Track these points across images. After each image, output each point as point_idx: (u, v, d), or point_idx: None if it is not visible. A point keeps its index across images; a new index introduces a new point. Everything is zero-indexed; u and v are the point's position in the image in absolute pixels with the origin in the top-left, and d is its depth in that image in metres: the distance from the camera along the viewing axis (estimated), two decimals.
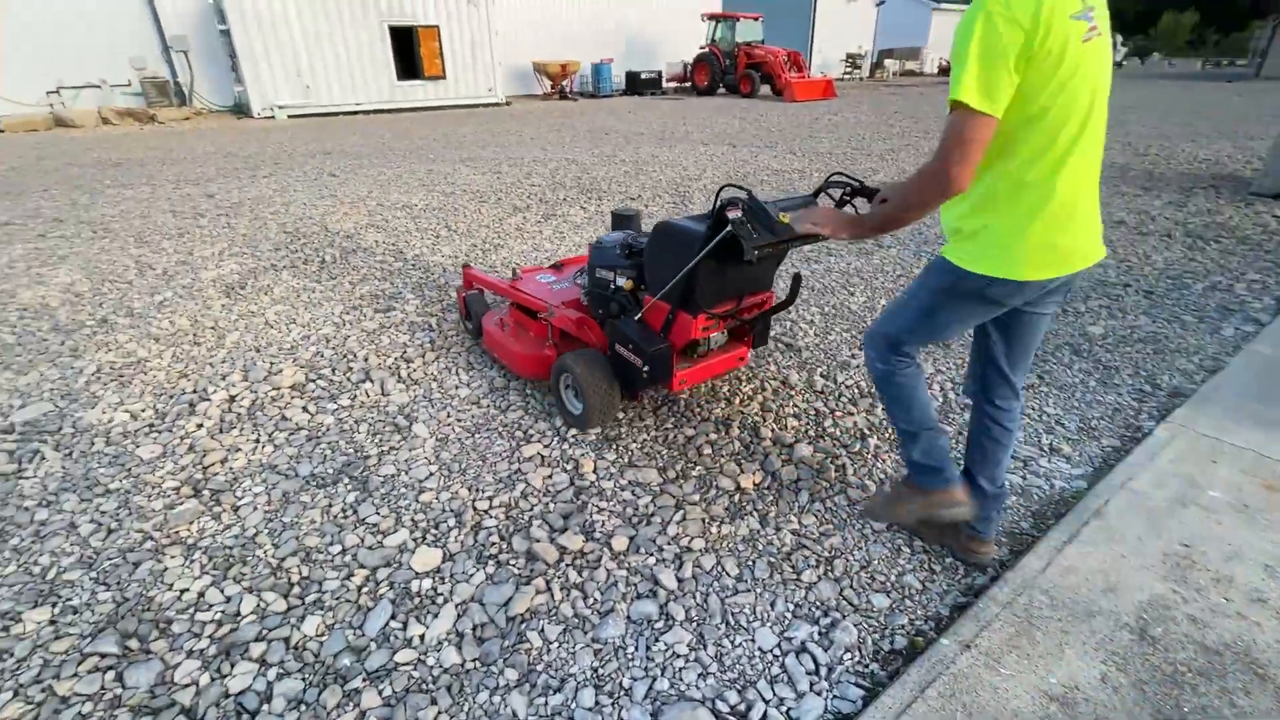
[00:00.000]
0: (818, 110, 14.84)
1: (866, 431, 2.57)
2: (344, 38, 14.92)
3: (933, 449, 1.79)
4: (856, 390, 2.87)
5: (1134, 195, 6.28)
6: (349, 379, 2.97)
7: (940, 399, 2.80)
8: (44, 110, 13.42)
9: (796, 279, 2.23)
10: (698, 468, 2.36)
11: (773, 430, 2.57)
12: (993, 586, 1.81)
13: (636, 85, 20.43)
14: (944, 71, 30.30)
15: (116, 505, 2.17)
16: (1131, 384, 2.92)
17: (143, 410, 2.72)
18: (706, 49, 19.85)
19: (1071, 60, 1.36)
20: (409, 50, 16.00)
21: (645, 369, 2.31)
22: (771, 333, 3.43)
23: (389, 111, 15.83)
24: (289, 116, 14.64)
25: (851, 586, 1.87)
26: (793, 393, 2.85)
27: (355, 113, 15.47)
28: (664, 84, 21.26)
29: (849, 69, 27.19)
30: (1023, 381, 1.78)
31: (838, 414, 2.69)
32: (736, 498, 2.21)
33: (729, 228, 1.96)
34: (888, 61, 29.21)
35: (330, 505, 2.17)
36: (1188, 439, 2.42)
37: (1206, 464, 2.28)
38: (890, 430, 2.56)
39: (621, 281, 2.48)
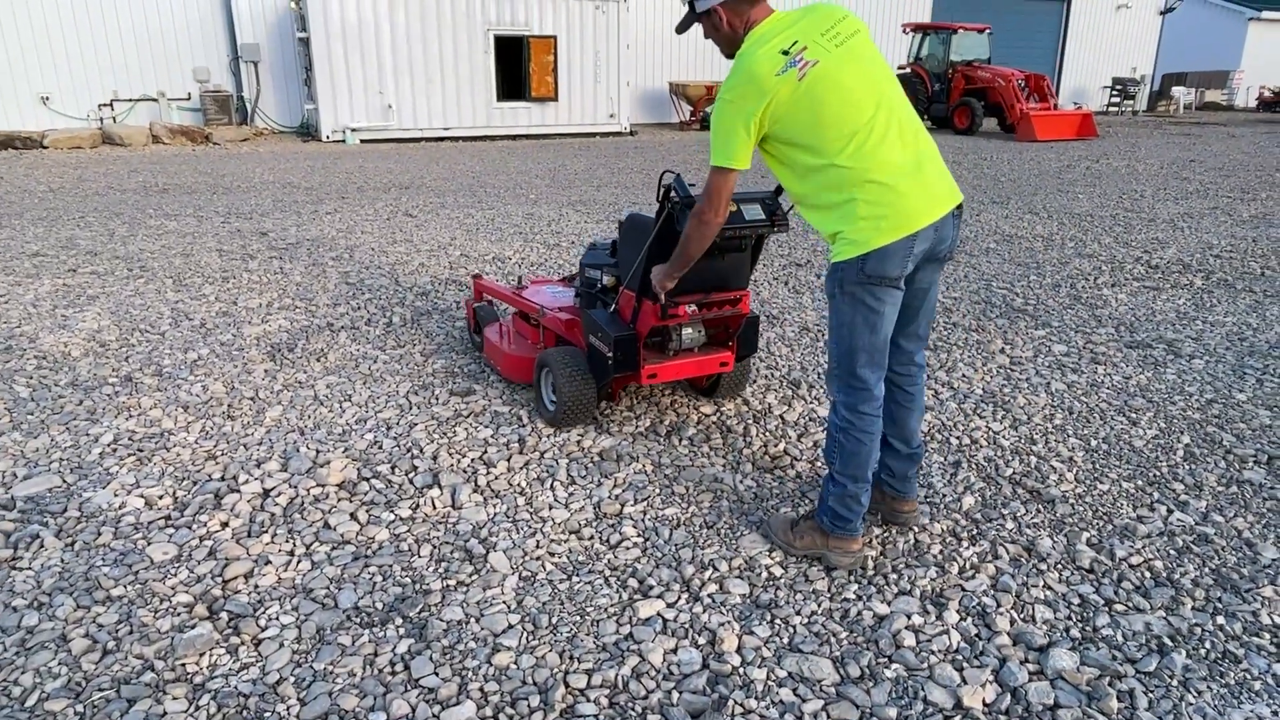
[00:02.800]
0: (1070, 154, 14.61)
1: (1167, 641, 2.32)
2: (439, 49, 16.84)
3: (854, 503, 2.52)
4: (1148, 573, 2.63)
5: None
6: (412, 482, 3.13)
7: None
8: (93, 126, 16.03)
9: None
10: (894, 665, 2.22)
11: (1012, 621, 2.39)
12: None
13: None
14: (1267, 105, 29.03)
15: (117, 619, 2.37)
16: None
17: (160, 497, 3.00)
18: (908, 69, 20.38)
19: (807, 94, 2.25)
20: (515, 65, 17.73)
21: (611, 355, 3.14)
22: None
23: (484, 139, 17.43)
24: (362, 141, 16.50)
25: None
26: (1043, 567, 2.66)
27: (442, 139, 17.16)
28: None
29: (1117, 99, 26.73)
30: (919, 349, 2.64)
31: (1117, 608, 2.46)
32: None
33: (668, 206, 2.82)
34: (1176, 90, 28.48)
35: (376, 654, 2.24)
36: None
37: None
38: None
39: (606, 279, 3.33)
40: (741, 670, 2.21)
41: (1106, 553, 2.74)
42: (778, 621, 2.39)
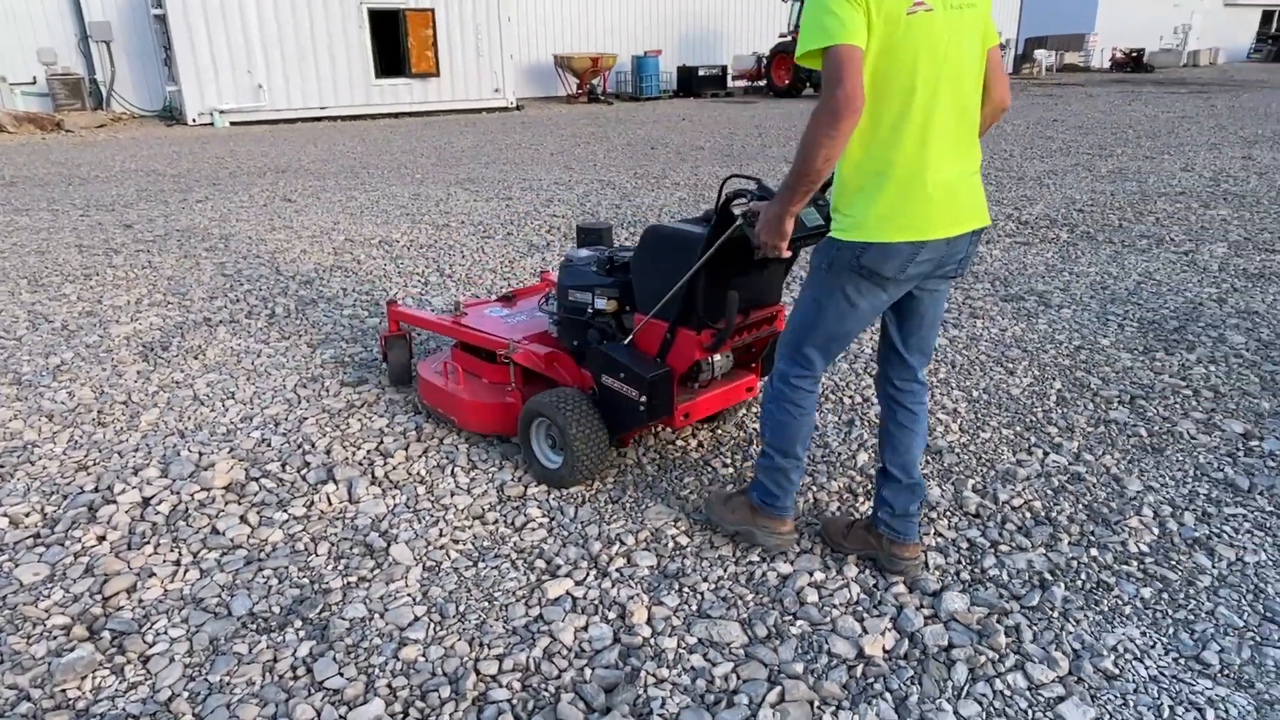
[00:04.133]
0: None
1: (1048, 576, 2.46)
2: (310, 24, 16.10)
3: (783, 478, 2.43)
4: (1028, 513, 2.78)
5: None
6: (305, 479, 3.02)
7: (1157, 529, 2.68)
8: None
9: (730, 299, 2.54)
10: (799, 622, 2.29)
11: (902, 575, 2.49)
12: None
13: (693, 84, 21.35)
14: (1119, 65, 30.83)
15: None
16: None
17: (27, 514, 2.80)
18: (788, 37, 20.70)
19: (905, 35, 1.93)
20: (393, 40, 17.14)
21: (643, 401, 2.61)
22: None
23: (364, 118, 16.81)
24: (232, 124, 15.67)
25: None
26: (934, 515, 2.78)
27: (319, 119, 16.47)
28: (730, 83, 22.13)
29: None
30: (921, 364, 2.37)
31: (1002, 548, 2.60)
32: (859, 670, 2.13)
33: (738, 224, 2.29)
34: (1039, 53, 29.93)
35: (276, 660, 2.16)
36: None
37: None
38: (1074, 558, 2.46)
39: (602, 303, 2.81)
40: (653, 641, 2.23)
41: (990, 497, 2.89)
42: (686, 590, 2.43)
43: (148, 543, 2.65)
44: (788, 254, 2.24)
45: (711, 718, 1.98)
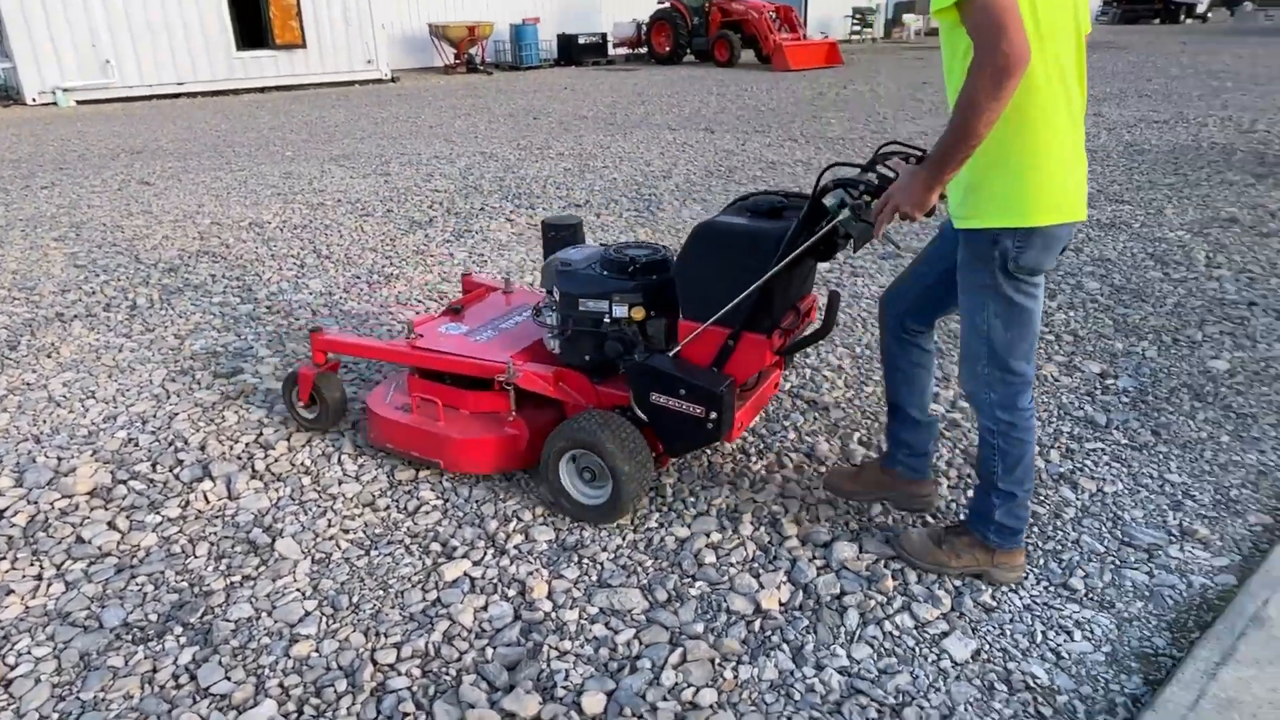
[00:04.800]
0: (820, 82, 15.52)
1: (930, 519, 2.58)
2: None
3: (1022, 511, 2.23)
4: None
5: (1245, 185, 6.68)
6: (178, 478, 2.86)
7: None
8: None
9: (834, 299, 2.30)
10: (698, 583, 2.33)
11: (799, 524, 2.57)
12: None
13: (574, 53, 21.06)
14: None
15: None
16: (1276, 436, 3.03)
17: None
18: (667, 4, 20.67)
19: None
20: (254, 9, 16.18)
21: (713, 418, 2.34)
22: (785, 385, 3.47)
23: (226, 93, 15.87)
24: (78, 103, 14.52)
25: None
26: (823, 469, 2.86)
27: (176, 95, 15.46)
28: (610, 50, 21.97)
29: (857, 27, 28.61)
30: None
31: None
32: (757, 625, 2.18)
33: (843, 216, 2.08)
34: (907, 18, 30.84)
35: (155, 670, 2.05)
36: None
37: None
38: (960, 488, 2.59)
39: (622, 310, 2.52)
40: (554, 614, 2.22)
41: (875, 449, 3.00)
42: (585, 560, 2.43)
43: (3, 558, 2.46)
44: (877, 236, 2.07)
45: (615, 685, 1.99)
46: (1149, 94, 12.32)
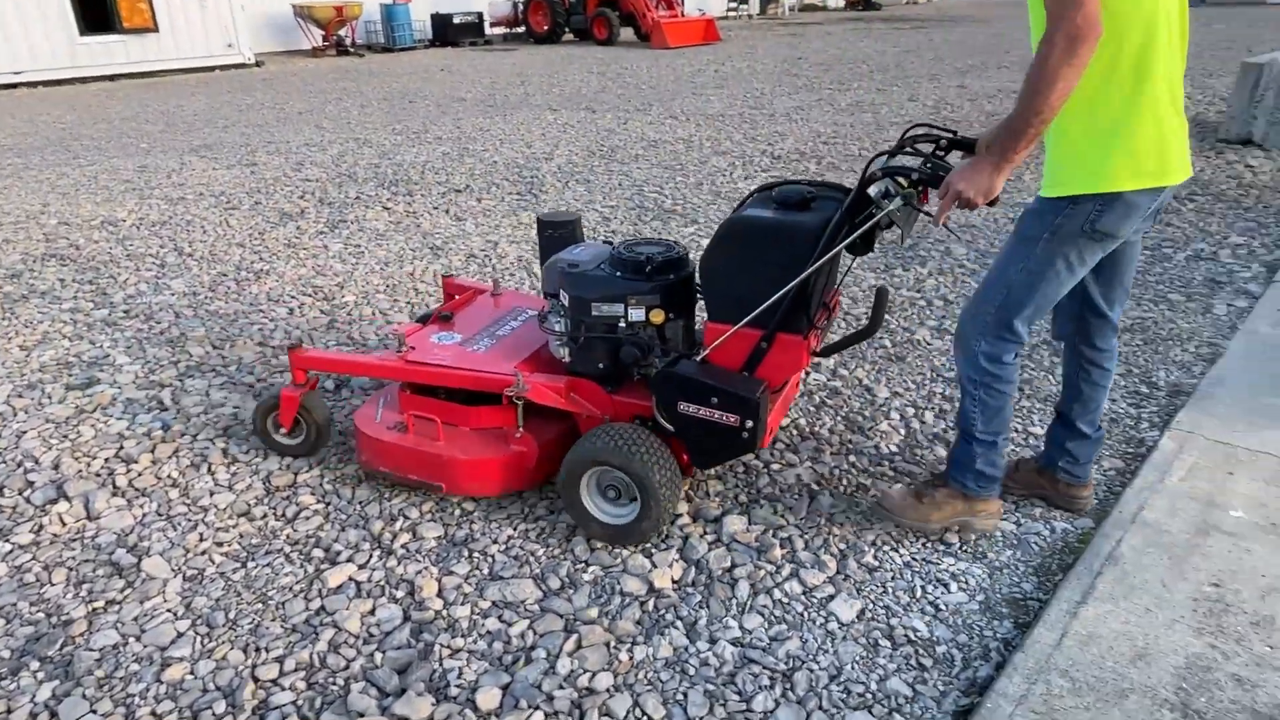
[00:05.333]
0: (699, 59, 15.64)
1: (814, 486, 2.65)
2: None
3: (996, 458, 2.29)
4: (795, 430, 2.97)
5: None
6: (29, 500, 2.65)
7: (903, 429, 2.96)
8: None
9: (882, 295, 2.26)
10: (591, 568, 2.32)
11: (690, 501, 2.59)
12: (1000, 678, 1.90)
13: (449, 33, 20.53)
14: (852, 5, 33.06)
15: None
16: (1124, 385, 3.24)
17: None
18: None
19: None
20: None
21: (749, 427, 2.21)
22: None
23: (70, 82, 14.75)
24: None
25: (821, 708, 1.89)
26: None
27: (14, 85, 14.26)
28: (487, 30, 21.54)
29: (734, 3, 28.97)
30: (1120, 311, 2.29)
31: (774, 467, 2.76)
32: (651, 604, 2.19)
33: (894, 203, 2.01)
34: None
35: (10, 711, 1.90)
36: (1198, 448, 2.72)
37: (1223, 477, 2.57)
38: (847, 472, 2.67)
39: (639, 314, 2.36)
40: (445, 612, 2.18)
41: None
42: (476, 555, 2.39)
43: None
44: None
45: (510, 678, 1.97)
46: (1008, 65, 12.96)
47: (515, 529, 2.49)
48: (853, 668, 2.00)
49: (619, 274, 2.40)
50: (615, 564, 2.34)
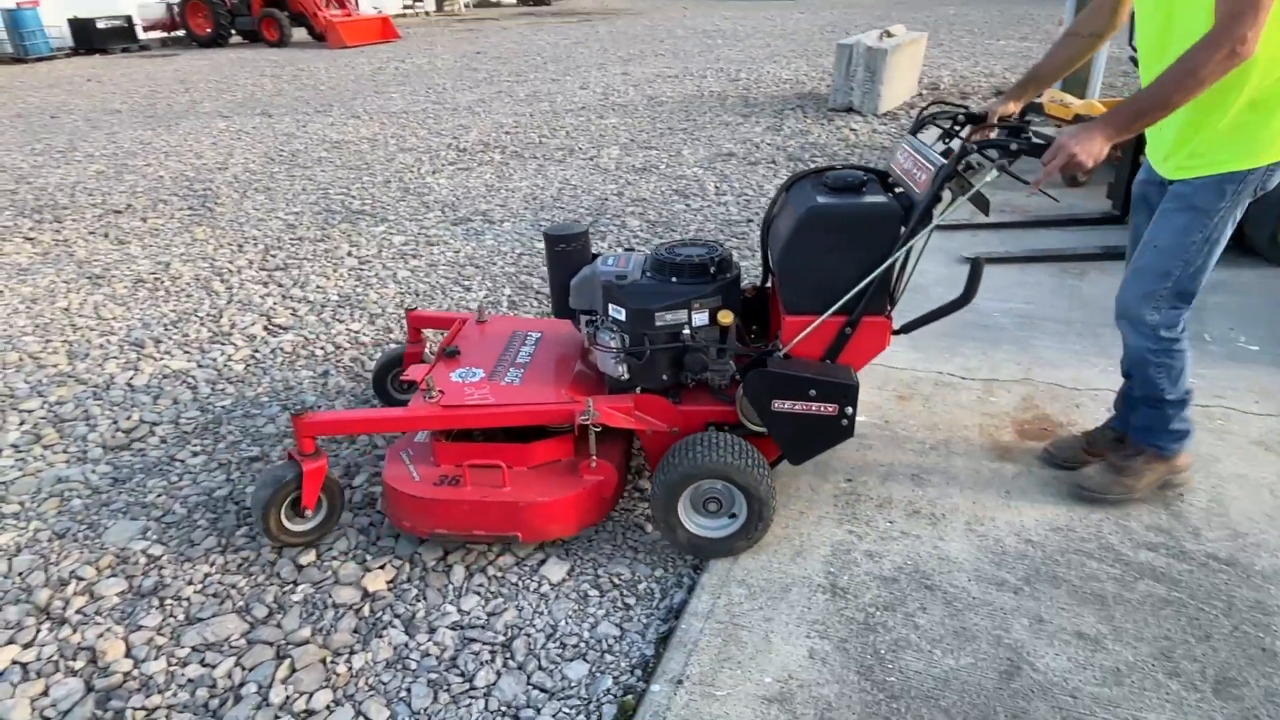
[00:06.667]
0: (379, 57, 14.91)
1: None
2: None
3: (1189, 411, 2.26)
4: None
5: (736, 123, 7.77)
6: None
7: None
8: None
9: (977, 266, 2.15)
10: (300, 587, 2.15)
11: None
12: (691, 599, 2.04)
13: (94, 39, 17.73)
14: (525, 0, 33.20)
15: None
16: None
17: None
18: None
19: None
20: None
21: (847, 414, 2.12)
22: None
23: None
24: None
25: (540, 667, 1.91)
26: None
27: None
28: (141, 35, 18.92)
29: (410, 3, 27.90)
30: None
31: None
32: (366, 609, 2.08)
33: (990, 174, 1.97)
34: None
35: None
36: None
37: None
38: None
39: (702, 318, 2.20)
40: (136, 671, 1.91)
41: None
42: (169, 602, 2.12)
43: None
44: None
45: None
46: (662, 53, 13.74)
47: (211, 564, 2.24)
48: (566, 622, 2.04)
49: (674, 279, 2.24)
50: (326, 577, 2.19)
